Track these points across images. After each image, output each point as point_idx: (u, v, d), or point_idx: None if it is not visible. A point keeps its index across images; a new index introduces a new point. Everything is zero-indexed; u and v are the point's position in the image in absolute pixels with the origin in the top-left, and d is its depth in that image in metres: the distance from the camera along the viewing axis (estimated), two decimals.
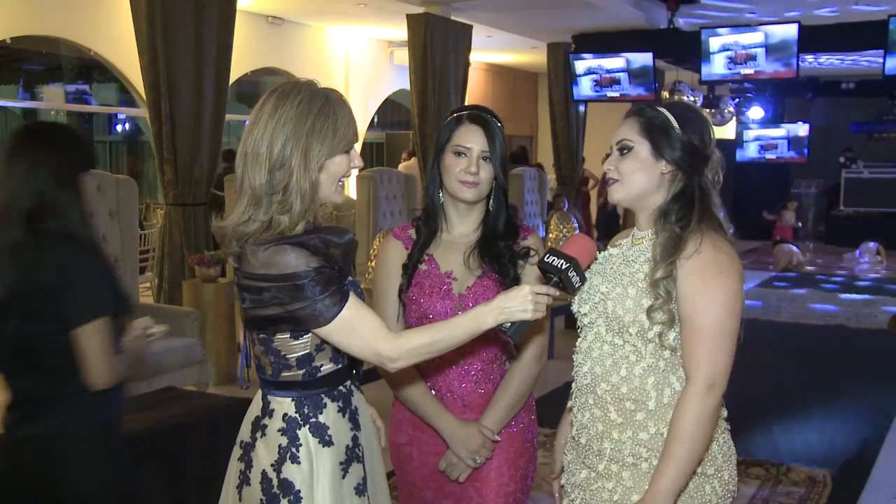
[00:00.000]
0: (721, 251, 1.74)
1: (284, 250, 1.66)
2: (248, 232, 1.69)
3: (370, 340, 1.69)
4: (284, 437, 1.76)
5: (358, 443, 1.84)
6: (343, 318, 1.67)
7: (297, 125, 1.69)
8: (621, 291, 1.78)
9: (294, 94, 1.71)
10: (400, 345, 1.70)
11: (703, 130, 1.81)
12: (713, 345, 1.70)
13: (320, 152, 1.71)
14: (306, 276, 1.65)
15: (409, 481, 2.21)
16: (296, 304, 1.66)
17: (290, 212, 1.69)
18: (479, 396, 2.13)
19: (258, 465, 1.77)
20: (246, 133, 1.72)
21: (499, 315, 1.71)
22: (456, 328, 1.73)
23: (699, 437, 1.69)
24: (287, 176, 1.69)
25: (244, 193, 1.71)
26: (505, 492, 2.12)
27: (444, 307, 2.09)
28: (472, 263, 2.11)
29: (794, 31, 8.97)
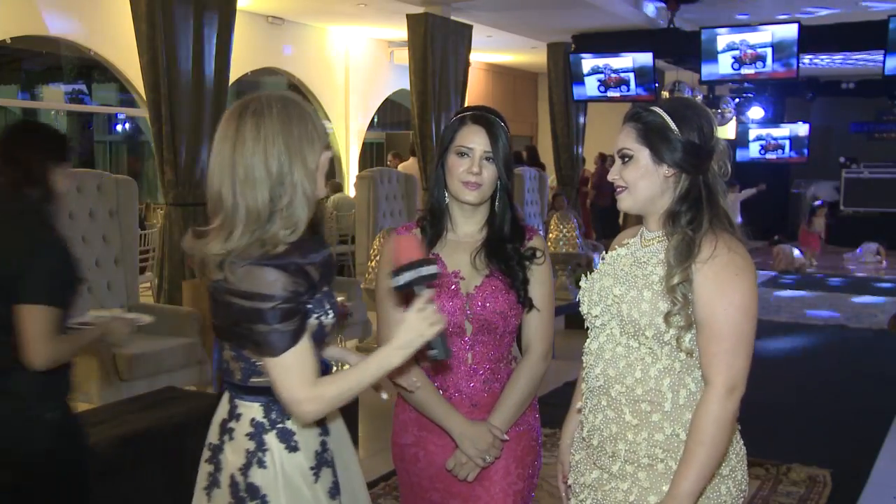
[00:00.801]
0: (735, 253, 1.73)
1: (264, 270, 1.65)
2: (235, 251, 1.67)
3: (297, 386, 1.68)
4: (252, 441, 1.77)
5: (327, 447, 1.84)
6: (286, 358, 1.67)
7: (286, 137, 1.69)
8: (636, 294, 1.77)
9: (269, 109, 1.70)
10: (319, 393, 1.69)
11: (702, 125, 1.78)
12: (732, 348, 1.70)
13: (314, 155, 1.72)
14: (272, 301, 1.64)
15: (415, 482, 2.20)
16: (256, 326, 1.66)
17: (296, 226, 1.70)
18: (487, 395, 2.13)
19: (227, 469, 1.79)
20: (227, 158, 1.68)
21: (403, 352, 1.73)
22: (368, 373, 1.74)
23: (720, 440, 1.70)
24: (290, 190, 1.69)
25: (237, 220, 1.67)
26: (513, 490, 2.13)
27: (453, 306, 2.09)
28: (479, 264, 2.11)
29: (794, 31, 8.97)
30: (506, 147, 2.10)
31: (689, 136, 1.76)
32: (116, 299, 5.19)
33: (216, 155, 1.72)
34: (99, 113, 13.30)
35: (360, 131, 11.80)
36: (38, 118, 13.22)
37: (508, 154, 2.11)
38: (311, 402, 1.69)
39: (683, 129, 1.76)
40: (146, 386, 4.56)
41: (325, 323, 1.79)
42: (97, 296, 5.07)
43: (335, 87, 11.30)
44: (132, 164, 13.41)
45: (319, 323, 1.77)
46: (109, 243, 5.15)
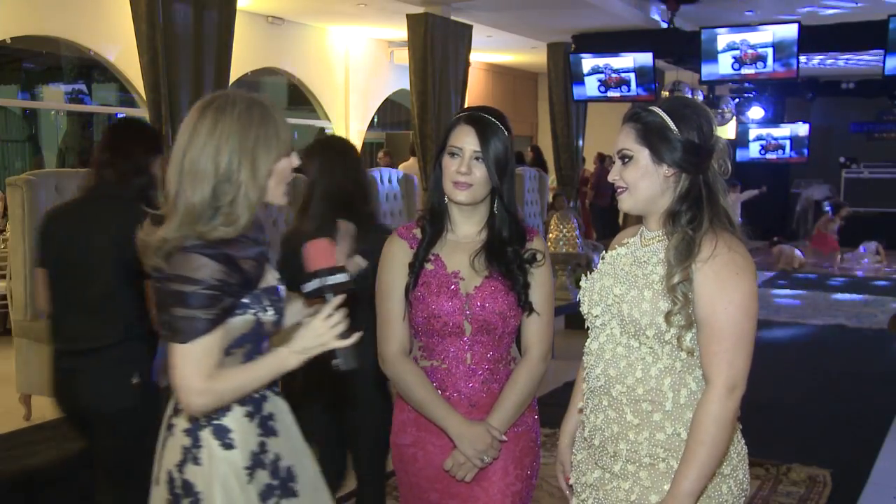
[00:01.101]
0: (736, 252, 1.73)
1: (193, 255, 1.66)
2: (172, 240, 1.69)
3: (195, 376, 1.67)
4: (188, 437, 1.77)
5: (266, 449, 1.82)
6: (195, 345, 1.66)
7: (242, 138, 1.70)
8: (637, 294, 1.77)
9: (231, 107, 1.72)
10: (214, 387, 1.69)
11: (702, 124, 1.78)
12: (732, 347, 1.70)
13: (268, 160, 1.73)
14: (198, 285, 1.65)
15: (414, 482, 2.20)
16: (175, 308, 1.66)
17: (236, 223, 1.71)
18: (486, 396, 2.13)
19: (165, 465, 1.80)
20: (180, 149, 1.72)
21: (300, 357, 1.74)
22: (259, 373, 1.74)
23: (721, 440, 1.70)
24: (234, 189, 1.70)
25: (177, 209, 1.70)
26: (511, 491, 2.12)
27: (452, 307, 2.08)
28: (479, 265, 2.11)
29: (794, 31, 8.96)
30: (499, 148, 2.07)
31: (689, 135, 1.76)
32: None
33: (174, 145, 1.76)
34: (99, 113, 13.29)
35: (360, 131, 11.79)
36: (38, 118, 13.22)
37: (503, 155, 2.08)
38: (203, 394, 1.68)
39: (683, 129, 1.76)
40: None
41: (264, 320, 1.79)
42: None
43: (335, 87, 11.29)
44: None
45: (257, 320, 1.77)
46: None
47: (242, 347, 1.78)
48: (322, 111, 11.25)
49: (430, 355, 2.15)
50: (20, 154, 13.65)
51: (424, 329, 2.13)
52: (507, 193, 2.11)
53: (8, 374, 5.33)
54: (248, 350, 1.80)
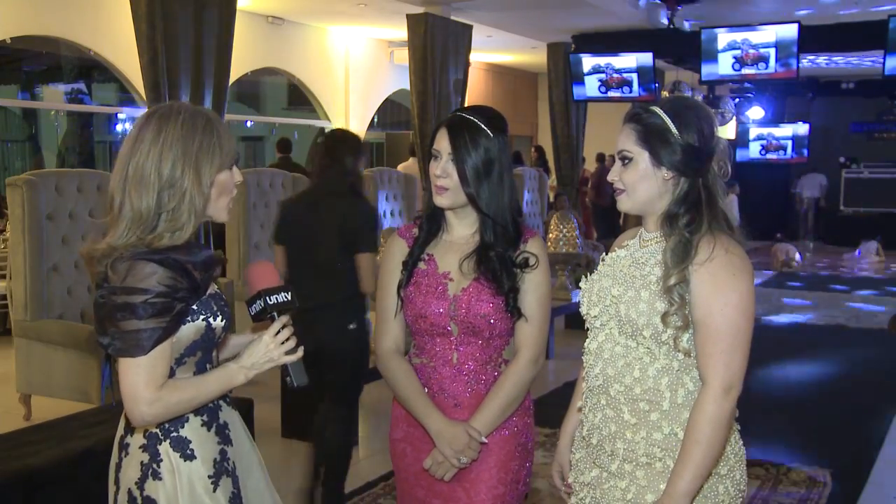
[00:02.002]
0: (733, 253, 1.73)
1: (140, 264, 1.65)
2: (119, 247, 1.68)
3: (143, 386, 1.64)
4: (146, 453, 1.75)
5: (227, 457, 1.82)
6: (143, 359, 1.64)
7: (185, 145, 1.71)
8: (634, 295, 1.77)
9: (175, 115, 1.73)
10: (162, 397, 1.66)
11: (703, 126, 1.77)
12: (729, 347, 1.70)
13: (211, 169, 1.74)
14: (146, 294, 1.63)
15: (403, 477, 2.22)
16: (123, 322, 1.63)
17: (182, 229, 1.71)
18: (470, 396, 2.12)
19: (124, 485, 1.77)
20: (125, 157, 1.72)
21: (248, 372, 1.76)
22: (209, 386, 1.74)
23: (716, 440, 1.70)
24: (178, 196, 1.70)
25: (122, 217, 1.70)
26: (493, 494, 2.11)
27: (439, 307, 2.09)
28: (467, 268, 2.10)
29: (794, 31, 8.97)
30: (475, 151, 2.04)
31: (689, 138, 1.76)
32: None
33: (119, 153, 1.75)
34: (99, 113, 13.29)
35: (360, 131, 11.79)
36: (38, 118, 13.22)
37: (481, 158, 2.05)
38: (152, 404, 1.66)
39: (684, 132, 1.76)
40: None
41: (215, 325, 1.78)
42: None
43: (335, 87, 11.29)
44: None
45: (208, 325, 1.76)
46: None
47: (194, 355, 1.77)
48: (322, 111, 11.25)
49: (421, 353, 2.17)
50: (20, 154, 13.66)
51: (414, 327, 2.15)
52: (487, 197, 2.07)
53: (8, 374, 5.34)
54: (200, 358, 1.79)
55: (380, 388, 4.87)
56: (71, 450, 3.10)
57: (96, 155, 13.54)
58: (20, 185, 4.71)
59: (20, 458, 3.00)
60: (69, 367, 4.66)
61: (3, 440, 3.26)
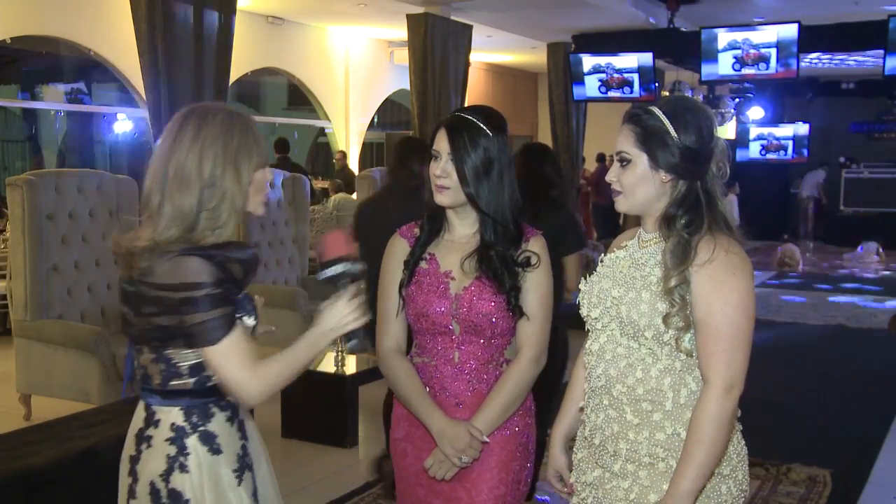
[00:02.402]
0: (732, 253, 1.73)
1: (189, 260, 1.68)
2: (161, 242, 1.70)
3: (242, 369, 1.72)
4: (172, 446, 1.77)
5: (248, 451, 1.86)
6: (226, 343, 1.70)
7: (225, 144, 1.74)
8: (634, 296, 1.77)
9: (213, 115, 1.76)
10: (261, 375, 1.73)
11: (702, 127, 1.77)
12: (729, 347, 1.70)
13: (249, 168, 1.77)
14: (202, 288, 1.67)
15: (404, 477, 2.22)
16: (190, 316, 1.68)
17: (222, 227, 1.75)
18: (472, 395, 2.12)
19: (145, 477, 1.77)
20: (164, 156, 1.74)
21: (330, 335, 1.82)
22: (299, 355, 1.80)
23: (719, 439, 1.70)
24: (219, 195, 1.74)
25: (163, 215, 1.72)
26: (495, 494, 2.11)
27: (441, 306, 2.09)
28: (469, 267, 2.10)
29: (794, 31, 8.96)
30: (474, 151, 2.05)
31: (688, 140, 1.75)
32: (116, 299, 5.18)
33: (155, 151, 1.78)
34: (99, 113, 13.30)
35: (360, 131, 11.79)
36: (38, 118, 13.23)
37: (480, 158, 2.05)
38: (255, 382, 1.72)
39: (682, 134, 1.75)
40: None
41: (248, 324, 1.81)
42: (97, 296, 5.08)
43: (335, 87, 11.29)
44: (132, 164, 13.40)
45: (243, 325, 1.79)
46: (109, 243, 5.15)
47: None
48: (322, 111, 11.25)
49: (422, 352, 2.17)
50: (20, 154, 13.66)
51: (416, 326, 2.15)
52: (486, 196, 2.07)
53: (8, 374, 5.34)
54: None
55: (381, 387, 4.88)
56: (71, 450, 3.10)
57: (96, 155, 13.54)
58: (20, 185, 4.71)
59: (20, 458, 3.00)
60: (69, 367, 4.66)
61: (3, 440, 3.25)
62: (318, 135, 13.29)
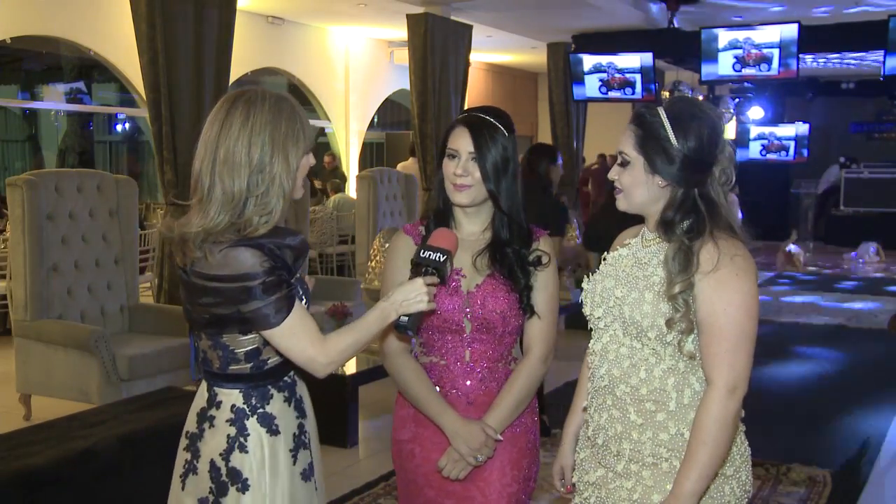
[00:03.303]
0: (738, 256, 1.73)
1: (239, 251, 1.71)
2: (214, 231, 1.72)
3: (307, 346, 1.76)
4: (233, 427, 1.82)
5: (304, 430, 1.92)
6: (287, 325, 1.74)
7: (273, 130, 1.74)
8: (638, 296, 1.77)
9: (261, 100, 1.76)
10: (329, 348, 1.78)
11: (704, 135, 1.75)
12: (733, 348, 1.69)
13: (297, 154, 1.78)
14: (256, 278, 1.70)
15: (410, 479, 2.20)
16: (245, 305, 1.72)
17: (271, 213, 1.75)
18: (483, 394, 2.13)
19: (206, 455, 1.83)
20: (211, 140, 1.75)
21: (400, 308, 1.85)
22: (370, 325, 1.85)
23: (722, 440, 1.70)
24: (269, 179, 1.74)
25: (213, 199, 1.73)
26: (508, 492, 2.11)
27: (452, 304, 2.09)
28: (481, 264, 2.11)
29: (794, 31, 8.96)
30: (496, 149, 2.07)
31: (688, 149, 1.73)
32: (116, 299, 5.19)
33: (203, 135, 1.78)
34: (99, 113, 13.29)
35: (360, 131, 11.80)
36: (38, 118, 13.22)
37: (501, 156, 2.07)
38: (325, 355, 1.77)
39: (682, 141, 1.73)
40: (146, 386, 4.56)
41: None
42: (97, 295, 5.08)
43: (335, 87, 11.29)
44: (132, 164, 13.40)
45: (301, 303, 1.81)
46: (109, 243, 5.15)
47: None
48: (322, 111, 11.25)
49: (430, 351, 2.16)
50: (20, 154, 13.66)
51: (425, 324, 2.14)
52: (505, 194, 2.09)
53: (8, 374, 5.34)
54: None
55: (381, 387, 4.88)
56: (71, 450, 3.10)
57: (96, 155, 13.54)
58: (20, 185, 4.71)
59: (20, 458, 3.00)
60: (69, 367, 4.66)
61: (3, 440, 3.25)
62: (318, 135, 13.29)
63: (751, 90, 12.58)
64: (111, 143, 14.48)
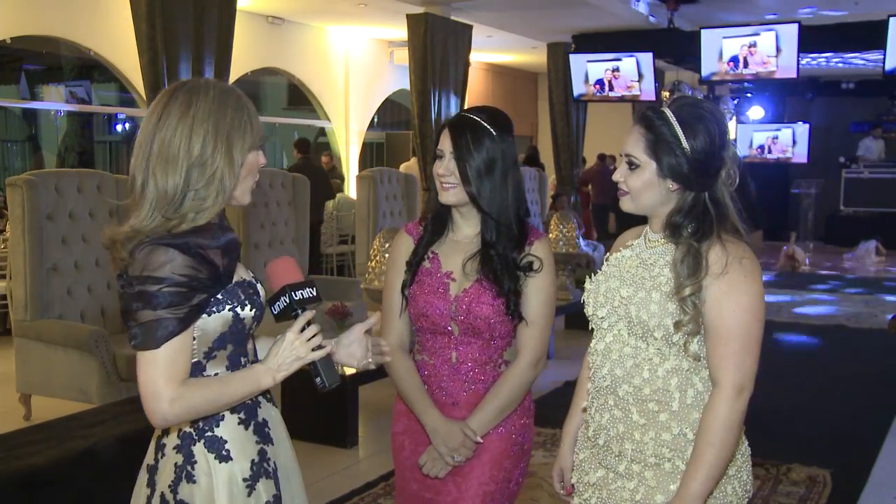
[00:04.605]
0: (745, 258, 1.73)
1: (160, 249, 1.54)
2: (143, 231, 1.57)
3: (164, 380, 1.52)
4: (180, 454, 1.64)
5: (266, 457, 1.70)
6: (163, 349, 1.52)
7: (217, 121, 1.60)
8: (644, 296, 1.76)
9: (205, 91, 1.62)
10: (184, 395, 1.54)
11: (714, 136, 1.74)
12: (740, 349, 1.69)
13: (242, 148, 1.63)
14: (163, 283, 1.52)
15: (401, 471, 2.25)
16: (140, 313, 1.52)
17: (206, 210, 1.60)
18: (469, 395, 2.13)
19: (159, 488, 1.65)
20: (149, 133, 1.61)
21: (276, 374, 1.62)
22: (235, 387, 1.61)
23: (729, 441, 1.70)
24: (208, 174, 1.59)
25: (145, 197, 1.58)
26: (484, 490, 2.11)
27: (440, 307, 2.10)
28: (470, 268, 2.10)
29: (794, 31, 8.97)
30: (476, 150, 2.04)
31: (698, 151, 1.73)
32: (116, 299, 5.18)
33: (141, 129, 1.63)
34: (99, 113, 13.29)
35: (360, 131, 11.80)
36: (38, 118, 13.22)
37: (483, 158, 2.04)
38: (174, 402, 1.53)
39: (693, 144, 1.73)
40: None
41: (243, 315, 1.66)
42: (97, 295, 5.08)
43: (335, 87, 11.30)
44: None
45: (235, 315, 1.64)
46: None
47: (225, 349, 1.66)
48: (322, 111, 11.26)
49: (423, 350, 2.19)
50: (20, 154, 13.66)
51: (417, 325, 2.17)
52: (487, 196, 2.06)
53: (8, 374, 5.34)
54: (232, 352, 1.67)
55: (383, 387, 4.88)
56: (71, 450, 3.10)
57: (96, 155, 13.54)
58: (20, 185, 4.71)
59: (20, 458, 3.00)
60: (69, 367, 4.66)
61: (3, 440, 3.25)
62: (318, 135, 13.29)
63: (751, 90, 12.59)
64: (111, 143, 14.48)
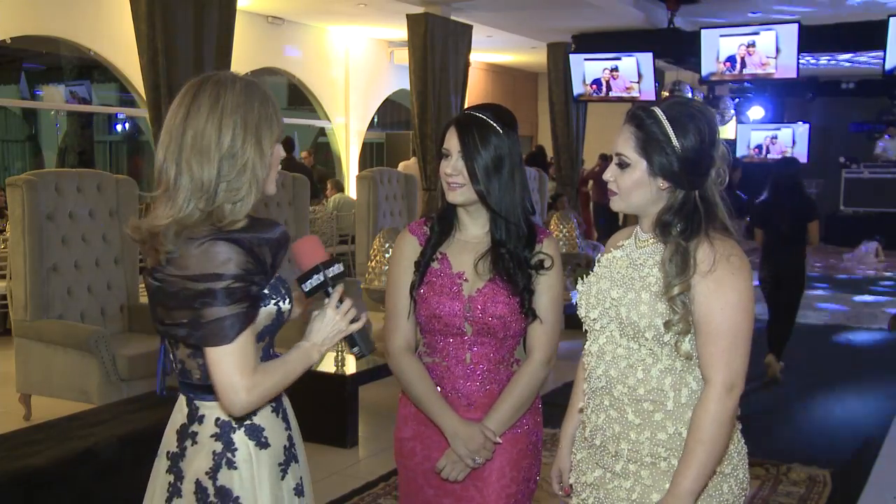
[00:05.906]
0: (734, 256, 1.73)
1: (217, 245, 1.57)
2: (187, 224, 1.59)
3: (238, 374, 1.59)
4: (219, 442, 1.68)
5: (293, 442, 1.80)
6: (234, 345, 1.58)
7: (246, 113, 1.62)
8: (634, 297, 1.77)
9: (232, 84, 1.64)
10: (257, 383, 1.61)
11: (704, 135, 1.74)
12: (729, 346, 1.70)
13: (270, 140, 1.66)
14: (225, 280, 1.56)
15: (411, 477, 2.20)
16: (206, 310, 1.56)
17: (243, 200, 1.63)
18: (483, 395, 2.12)
19: (191, 475, 1.69)
20: (177, 125, 1.62)
21: (321, 348, 1.73)
22: (294, 367, 1.70)
23: (720, 439, 1.71)
24: (239, 166, 1.61)
25: (180, 188, 1.61)
26: (506, 493, 2.11)
27: (454, 308, 2.08)
28: (482, 268, 2.09)
29: (794, 31, 8.96)
30: (483, 148, 2.04)
31: (689, 150, 1.73)
32: (116, 299, 5.19)
33: (167, 122, 1.65)
34: (99, 113, 13.29)
35: (360, 131, 11.79)
36: (38, 118, 13.23)
37: (490, 155, 2.04)
38: (251, 390, 1.60)
39: (683, 142, 1.73)
40: (146, 386, 4.56)
41: (283, 309, 1.72)
42: (97, 296, 5.08)
43: (335, 87, 11.30)
44: (132, 164, 13.42)
45: (278, 309, 1.70)
46: (109, 243, 5.15)
47: (264, 341, 1.72)
48: (322, 111, 11.25)
49: (432, 352, 2.16)
50: (20, 154, 13.67)
51: (427, 327, 2.13)
52: (496, 194, 2.06)
53: (8, 374, 5.34)
54: (267, 344, 1.74)
55: (384, 386, 4.88)
56: (71, 450, 3.10)
57: (96, 155, 13.54)
58: (20, 185, 4.71)
59: (20, 458, 3.00)
60: (69, 367, 4.67)
61: (3, 440, 3.26)
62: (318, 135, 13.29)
63: (751, 90, 12.58)
64: (111, 143, 14.49)
